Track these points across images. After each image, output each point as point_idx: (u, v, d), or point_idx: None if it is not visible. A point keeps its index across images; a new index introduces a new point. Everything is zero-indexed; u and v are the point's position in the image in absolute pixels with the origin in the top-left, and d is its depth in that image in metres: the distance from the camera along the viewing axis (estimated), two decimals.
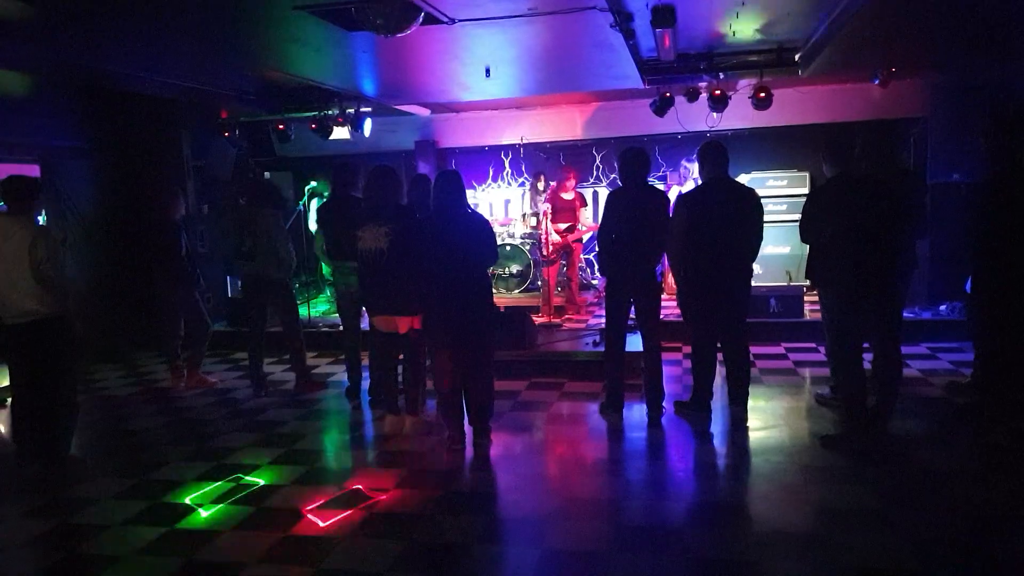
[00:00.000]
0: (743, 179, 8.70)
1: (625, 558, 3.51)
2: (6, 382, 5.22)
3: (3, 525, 4.21)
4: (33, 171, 8.27)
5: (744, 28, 6.65)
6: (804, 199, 5.12)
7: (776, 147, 9.86)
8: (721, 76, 8.06)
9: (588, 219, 9.03)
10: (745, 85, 8.69)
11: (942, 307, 7.83)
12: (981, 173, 6.50)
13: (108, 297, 8.73)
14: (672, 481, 4.55)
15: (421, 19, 4.90)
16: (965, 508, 3.87)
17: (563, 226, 8.81)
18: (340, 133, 9.14)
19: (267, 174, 10.46)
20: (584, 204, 9.02)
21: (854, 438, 4.72)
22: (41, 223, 5.00)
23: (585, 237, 9.42)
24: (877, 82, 8.40)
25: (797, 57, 7.64)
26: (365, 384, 6.41)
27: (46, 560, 3.83)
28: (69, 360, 4.90)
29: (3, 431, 5.97)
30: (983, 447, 4.69)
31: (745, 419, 5.38)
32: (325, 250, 6.29)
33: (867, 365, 4.85)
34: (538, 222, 8.76)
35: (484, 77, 7.60)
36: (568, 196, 8.74)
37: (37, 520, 4.25)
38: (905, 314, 7.68)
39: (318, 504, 4.31)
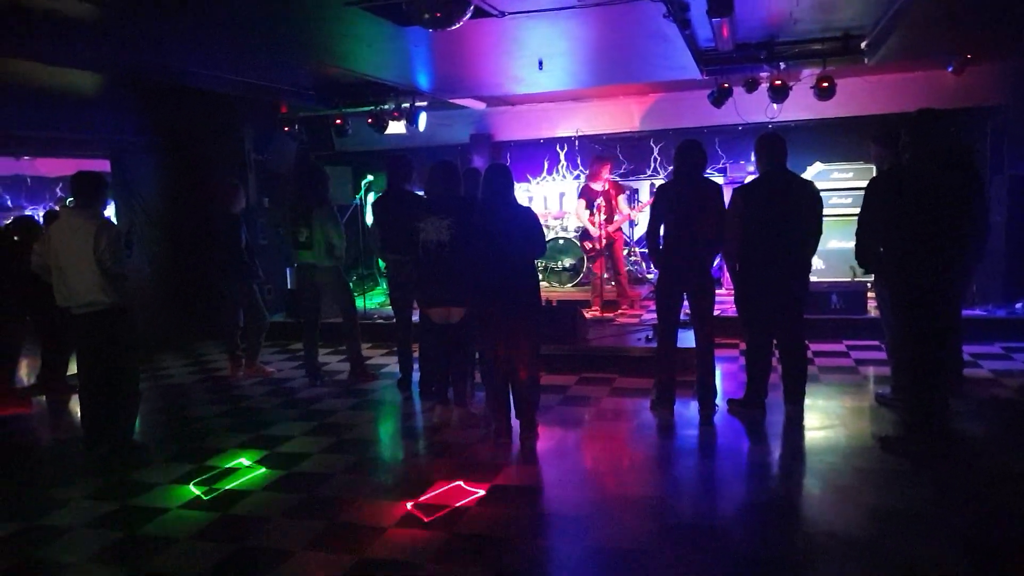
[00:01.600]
0: (807, 172, 8.47)
1: (668, 556, 3.45)
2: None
3: (68, 506, 4.39)
4: (103, 166, 8.62)
5: (806, 15, 6.44)
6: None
7: (841, 139, 9.52)
8: (782, 66, 7.85)
9: (625, 207, 8.79)
10: (807, 75, 8.43)
11: (1018, 304, 7.47)
12: None
13: (172, 288, 9.04)
14: (721, 480, 4.46)
15: (470, 12, 4.89)
16: None
17: (601, 218, 8.62)
18: (396, 127, 9.24)
19: (326, 168, 10.64)
20: (620, 192, 8.79)
21: (914, 440, 4.54)
22: (106, 217, 5.17)
23: (626, 226, 9.26)
24: (951, 69, 8.05)
25: (863, 45, 7.37)
26: (416, 376, 6.48)
27: (107, 540, 3.98)
28: (131, 349, 5.08)
29: (74, 416, 6.23)
30: None
31: (801, 418, 5.24)
32: (379, 244, 6.37)
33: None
34: (590, 216, 8.67)
35: (537, 70, 7.56)
36: (598, 187, 8.54)
37: (100, 502, 4.43)
38: (977, 312, 7.46)
39: (365, 494, 4.37)
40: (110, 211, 8.87)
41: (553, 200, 10.94)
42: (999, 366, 6.39)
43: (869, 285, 7.97)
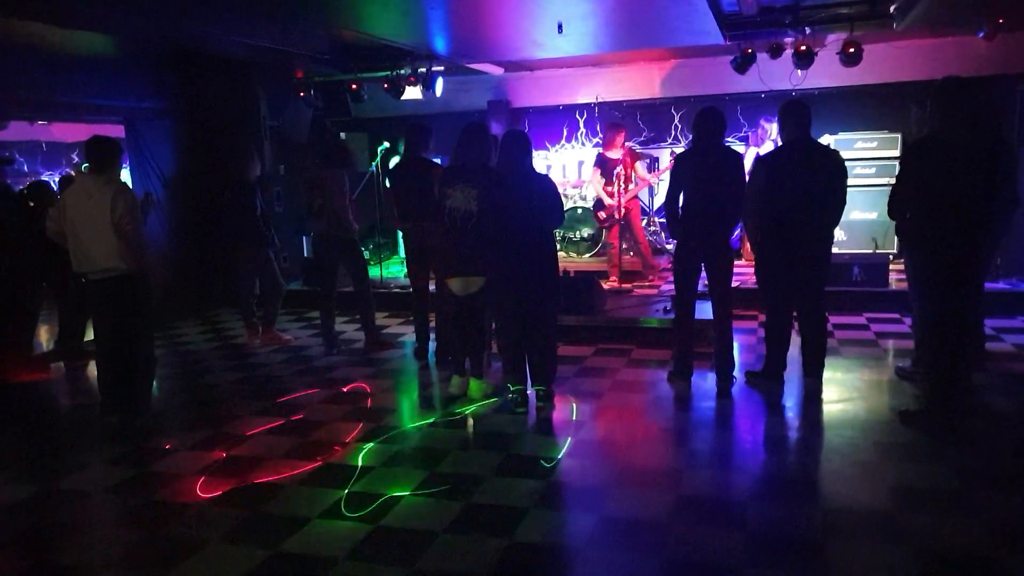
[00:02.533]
0: (828, 140, 8.29)
1: (682, 529, 3.43)
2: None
3: (88, 472, 4.43)
4: (118, 132, 8.60)
5: None
6: (896, 162, 4.79)
7: (866, 107, 9.32)
8: (807, 31, 7.65)
9: (643, 173, 8.65)
10: (833, 40, 8.21)
11: None
12: None
13: (189, 255, 9.06)
14: (737, 453, 4.42)
15: None
16: None
17: (612, 188, 8.49)
18: (412, 93, 9.12)
19: (343, 135, 10.57)
20: (637, 159, 8.62)
21: (935, 415, 4.47)
22: (123, 182, 5.14)
23: (645, 194, 9.12)
24: (982, 35, 7.81)
25: (892, 8, 7.16)
26: (432, 345, 6.47)
27: (126, 505, 4.02)
28: (147, 316, 5.08)
29: (91, 382, 6.28)
30: None
31: (820, 391, 5.18)
32: (396, 212, 6.32)
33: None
34: (605, 185, 8.54)
35: (556, 34, 7.41)
36: (615, 155, 8.40)
37: (119, 468, 4.47)
38: (1001, 285, 7.33)
39: (380, 463, 4.37)
40: (125, 177, 8.88)
41: (572, 168, 10.81)
42: (1022, 340, 6.28)
43: (891, 257, 7.85)
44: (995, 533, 3.28)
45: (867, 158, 8.52)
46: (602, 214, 8.48)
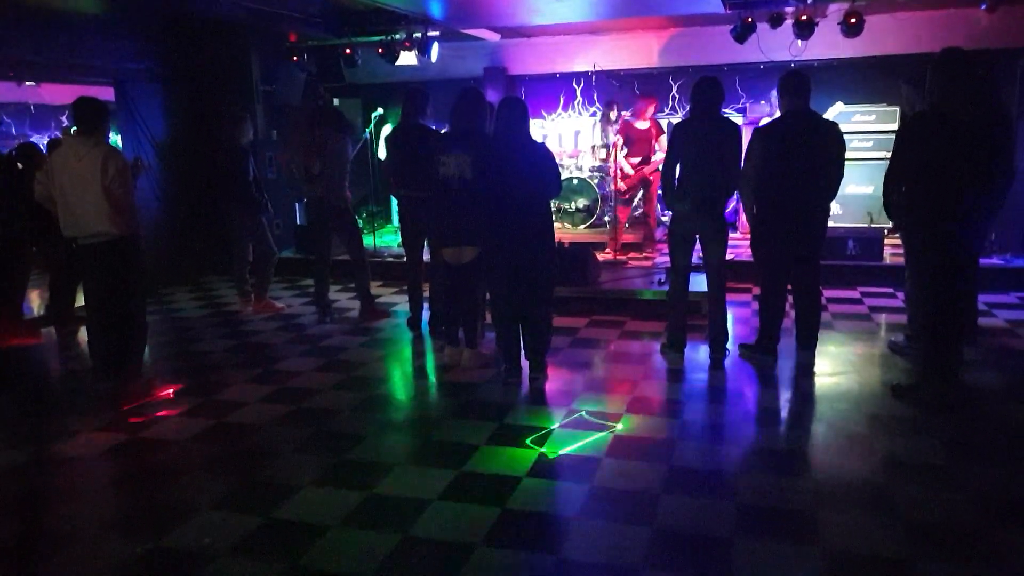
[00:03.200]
0: (828, 113, 8.23)
1: (672, 500, 3.45)
2: None
3: (78, 438, 4.42)
4: (108, 94, 8.45)
5: None
6: (893, 136, 4.73)
7: (865, 79, 9.23)
8: (808, 0, 7.55)
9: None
10: (835, 10, 8.11)
11: None
12: None
13: (181, 221, 8.97)
14: (730, 425, 4.43)
15: None
16: None
17: (636, 160, 8.43)
18: (407, 58, 9.00)
19: (336, 100, 10.44)
20: (661, 132, 8.53)
21: (927, 389, 4.49)
22: (112, 145, 5.06)
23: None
24: (984, 7, 7.72)
25: None
26: (427, 315, 6.45)
27: (117, 471, 4.02)
28: (138, 281, 5.03)
29: (82, 348, 6.25)
30: None
31: (812, 365, 5.19)
32: (392, 179, 6.25)
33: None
34: (607, 154, 8.48)
35: None
36: (643, 126, 8.32)
37: (110, 434, 4.46)
38: (995, 260, 7.34)
39: (372, 431, 4.38)
40: (115, 141, 8.76)
41: (568, 138, 10.72)
42: (1015, 316, 6.31)
43: (886, 232, 7.83)
44: (981, 505, 3.31)
45: (865, 131, 8.47)
46: (623, 185, 8.36)
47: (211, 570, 3.03)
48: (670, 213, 5.54)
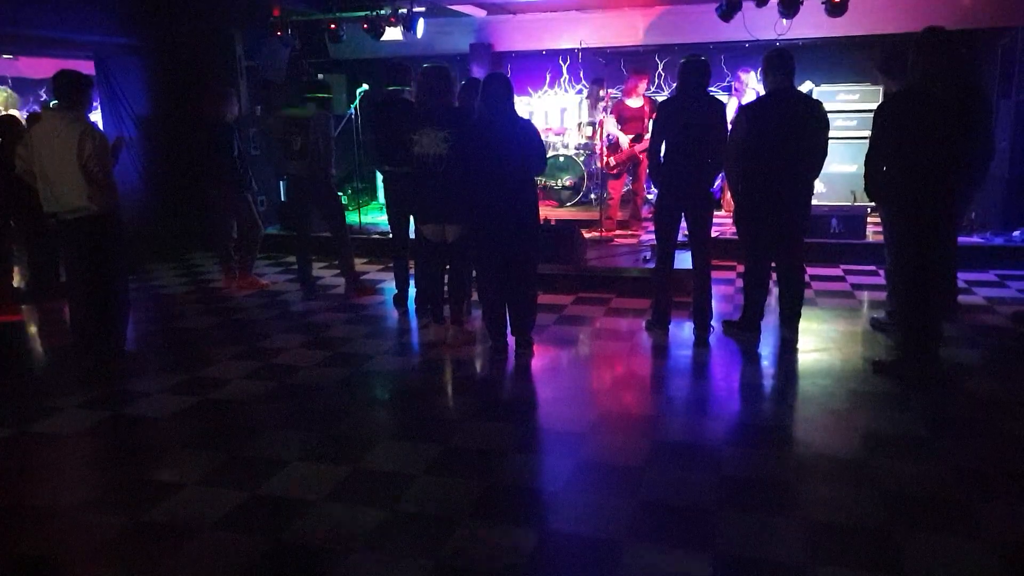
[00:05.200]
0: (812, 93, 8.24)
1: (657, 473, 3.49)
2: None
3: (60, 414, 4.39)
4: (88, 68, 8.32)
5: None
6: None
7: (849, 58, 9.26)
8: None
9: None
10: None
11: (1016, 232, 7.41)
12: None
13: (164, 197, 8.88)
14: (713, 401, 4.48)
15: None
16: (1012, 440, 3.73)
17: (629, 137, 8.40)
18: (392, 34, 8.91)
19: (320, 76, 10.33)
20: (655, 110, 8.47)
21: (907, 365, 4.55)
22: (91, 122, 4.99)
23: None
24: None
25: None
26: (413, 292, 6.45)
27: (99, 447, 4.01)
28: (119, 258, 4.99)
29: (64, 324, 6.20)
30: None
31: (795, 341, 5.24)
32: (376, 156, 6.21)
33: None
34: (593, 132, 8.45)
35: None
36: (636, 103, 8.28)
37: (92, 410, 4.43)
38: (975, 239, 7.42)
39: (358, 407, 4.38)
40: (96, 116, 8.64)
41: (554, 115, 10.67)
42: (993, 293, 6.39)
43: (869, 210, 7.88)
44: (959, 477, 3.38)
45: (849, 110, 8.49)
46: (612, 160, 8.33)
47: (195, 545, 3.04)
48: (656, 191, 5.55)
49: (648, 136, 8.09)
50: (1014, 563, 2.78)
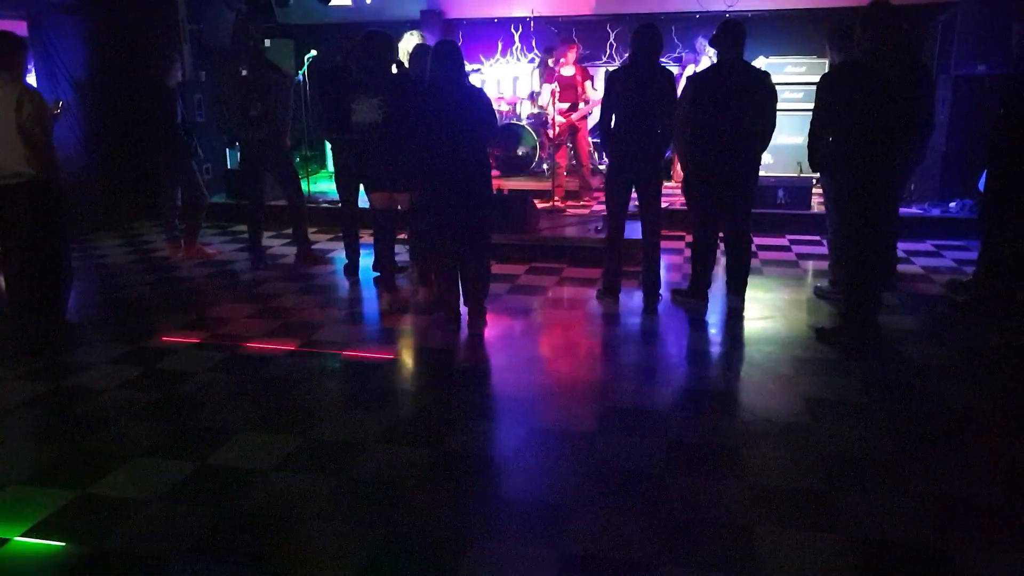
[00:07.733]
0: (758, 64, 8.34)
1: (607, 439, 3.56)
2: None
3: (1, 387, 4.26)
4: (20, 28, 7.95)
5: None
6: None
7: (797, 31, 9.40)
8: None
9: (593, 94, 8.60)
10: None
11: (952, 204, 7.65)
12: (1009, 66, 6.21)
13: (106, 164, 8.58)
14: (662, 367, 4.56)
15: None
16: (947, 403, 3.90)
17: (565, 105, 8.41)
18: None
19: (267, 42, 10.06)
20: (588, 78, 8.54)
21: (848, 332, 4.69)
22: (28, 84, 4.79)
23: (595, 112, 9.08)
24: None
25: None
26: (363, 261, 6.39)
27: (42, 420, 3.91)
28: (59, 225, 4.83)
29: (3, 295, 5.99)
30: (974, 345, 4.68)
31: (742, 309, 5.35)
32: (323, 124, 6.11)
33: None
34: (546, 102, 8.43)
35: None
36: (569, 72, 8.30)
37: (33, 382, 4.32)
38: (913, 210, 7.63)
39: (309, 376, 4.35)
40: (31, 79, 8.27)
41: (507, 84, 10.61)
42: (930, 263, 6.61)
43: (815, 181, 8.05)
44: (895, 438, 3.52)
45: (796, 83, 8.62)
46: (551, 132, 8.35)
47: (143, 516, 3.00)
48: (607, 161, 5.58)
49: (582, 105, 8.17)
50: (937, 513, 2.93)
